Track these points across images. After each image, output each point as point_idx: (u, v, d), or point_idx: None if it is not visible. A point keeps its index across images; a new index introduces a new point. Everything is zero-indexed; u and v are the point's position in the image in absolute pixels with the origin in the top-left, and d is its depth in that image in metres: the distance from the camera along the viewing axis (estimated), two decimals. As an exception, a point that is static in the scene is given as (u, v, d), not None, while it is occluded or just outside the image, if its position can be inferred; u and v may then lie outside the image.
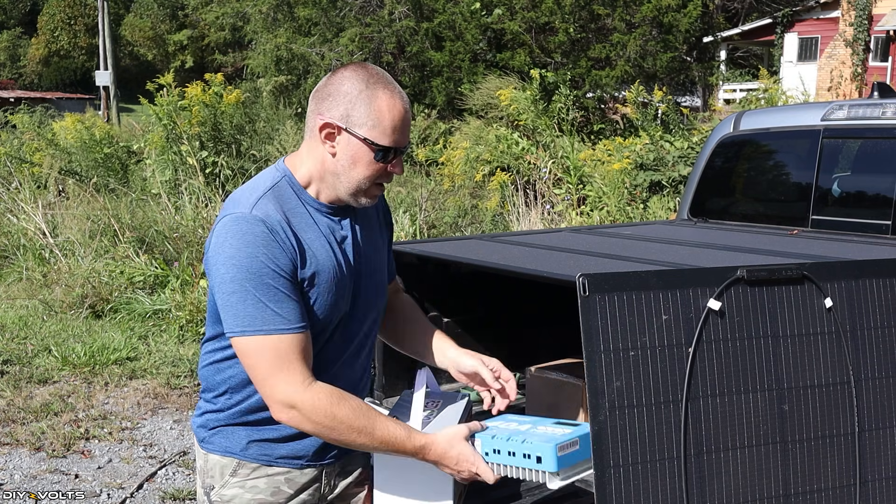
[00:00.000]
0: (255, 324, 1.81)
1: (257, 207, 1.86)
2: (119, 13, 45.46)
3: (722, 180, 4.32)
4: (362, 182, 1.92)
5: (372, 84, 1.89)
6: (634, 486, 1.81)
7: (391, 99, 1.89)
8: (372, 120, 1.88)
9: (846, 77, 22.49)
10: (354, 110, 1.88)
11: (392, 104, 1.89)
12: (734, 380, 1.90)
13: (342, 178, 1.92)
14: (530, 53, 15.23)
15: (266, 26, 19.85)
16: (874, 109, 3.62)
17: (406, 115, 1.92)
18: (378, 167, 1.91)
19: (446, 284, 3.28)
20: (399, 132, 1.91)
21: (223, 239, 1.85)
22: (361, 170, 1.91)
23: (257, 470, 2.00)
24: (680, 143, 9.55)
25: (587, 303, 1.82)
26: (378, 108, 1.88)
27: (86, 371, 6.00)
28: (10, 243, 9.28)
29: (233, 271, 1.82)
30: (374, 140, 1.88)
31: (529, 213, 9.37)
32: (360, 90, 1.88)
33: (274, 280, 1.81)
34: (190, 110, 10.93)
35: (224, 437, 2.01)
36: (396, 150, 1.92)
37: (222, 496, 2.02)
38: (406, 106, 1.93)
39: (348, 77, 1.90)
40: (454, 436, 1.91)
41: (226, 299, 1.84)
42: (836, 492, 1.97)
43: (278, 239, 1.83)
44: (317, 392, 1.82)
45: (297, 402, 1.81)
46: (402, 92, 1.95)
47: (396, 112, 1.90)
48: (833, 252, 3.00)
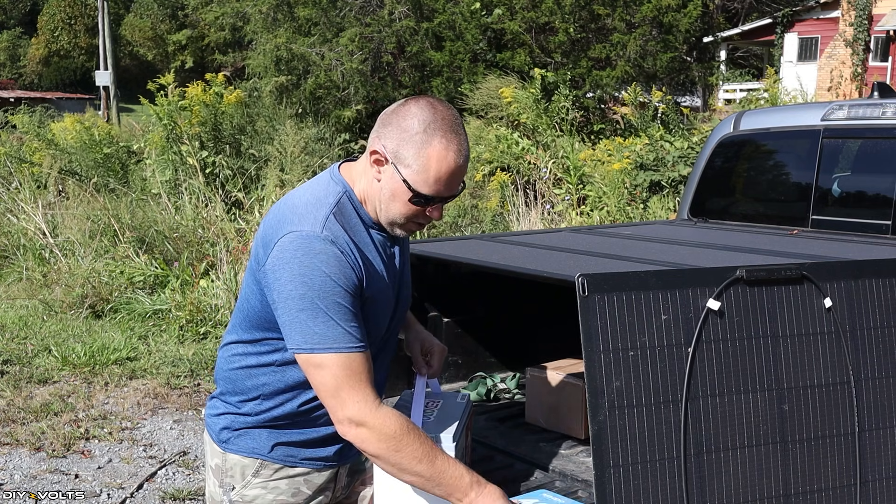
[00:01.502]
0: (326, 342, 1.82)
1: (327, 228, 1.86)
2: (119, 13, 45.45)
3: (722, 180, 4.32)
4: (398, 217, 1.93)
5: (432, 129, 1.85)
6: (634, 486, 1.81)
7: (445, 150, 1.85)
8: (418, 165, 1.86)
9: (846, 77, 22.49)
10: (405, 149, 1.86)
11: (443, 156, 1.85)
12: (734, 380, 1.90)
13: (381, 207, 1.93)
14: (530, 53, 15.22)
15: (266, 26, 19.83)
16: (874, 109, 3.62)
17: (457, 168, 1.88)
18: (415, 210, 1.91)
19: (446, 284, 3.29)
20: (444, 184, 1.88)
21: (292, 255, 1.84)
22: (398, 206, 1.91)
23: (280, 471, 2.04)
24: (680, 143, 9.55)
25: (586, 303, 1.82)
26: (427, 156, 1.85)
27: (86, 371, 6.00)
28: (10, 243, 9.28)
29: (303, 289, 1.82)
30: (413, 185, 1.87)
31: (529, 213, 9.37)
32: (417, 132, 1.85)
33: (343, 299, 1.83)
34: (190, 110, 10.93)
35: (251, 438, 2.03)
36: (435, 199, 1.91)
37: (244, 496, 2.04)
38: (459, 159, 1.88)
39: (414, 113, 1.87)
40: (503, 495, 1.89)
41: (294, 316, 1.84)
42: (836, 492, 1.97)
43: (349, 260, 1.85)
44: (386, 414, 1.84)
45: (367, 420, 1.82)
46: (463, 142, 1.89)
47: (445, 165, 1.86)
48: (833, 252, 3.00)
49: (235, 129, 11.63)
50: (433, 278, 3.23)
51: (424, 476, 1.84)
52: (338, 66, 16.97)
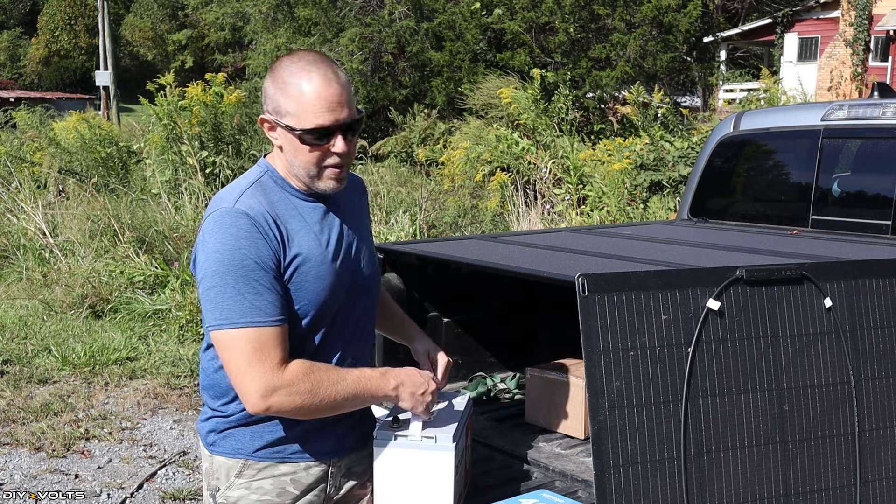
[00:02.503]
0: (233, 316, 1.80)
1: (240, 202, 1.87)
2: (119, 13, 45.47)
3: (722, 180, 4.32)
4: (310, 168, 1.90)
5: (292, 71, 1.85)
6: (634, 486, 1.80)
7: (308, 80, 1.83)
8: (293, 106, 1.85)
9: (846, 77, 22.48)
10: (278, 102, 1.87)
11: (309, 86, 1.83)
12: (734, 380, 1.90)
13: (295, 167, 1.92)
14: (530, 53, 15.23)
15: (266, 26, 19.85)
16: (874, 109, 3.62)
17: (328, 92, 1.83)
18: (317, 152, 1.87)
19: (446, 284, 3.28)
20: (322, 111, 1.83)
21: (208, 235, 1.85)
22: (302, 157, 1.88)
23: (263, 471, 2.00)
24: (680, 143, 9.54)
25: (587, 303, 1.82)
26: (295, 95, 1.84)
27: (86, 371, 6.00)
28: (10, 243, 9.28)
29: (215, 265, 1.82)
30: (296, 126, 1.85)
31: (529, 213, 9.37)
32: (282, 81, 1.86)
33: (254, 272, 1.81)
34: (190, 110, 10.93)
35: (235, 439, 2.01)
36: (324, 130, 1.85)
37: (228, 497, 2.01)
38: (326, 83, 1.83)
39: (275, 70, 1.89)
40: (412, 369, 2.06)
41: (206, 294, 1.84)
42: (836, 492, 1.97)
43: (262, 231, 1.83)
44: (291, 367, 1.84)
45: (277, 384, 1.81)
46: (327, 69, 1.86)
47: (314, 92, 1.83)
48: (833, 252, 3.00)
49: (235, 129, 11.63)
50: (433, 278, 3.23)
51: (349, 395, 1.89)
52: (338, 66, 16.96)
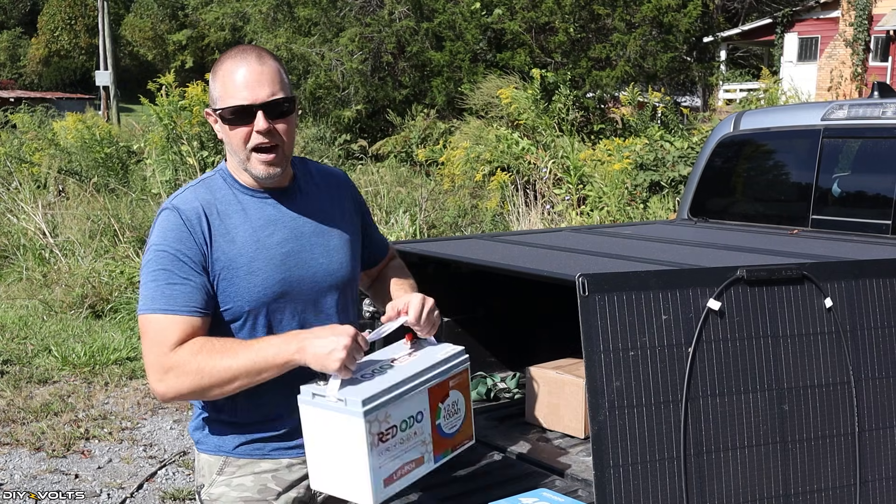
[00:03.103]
0: (146, 303, 1.86)
1: (178, 199, 1.93)
2: (119, 13, 45.45)
3: (722, 180, 4.32)
4: (239, 151, 1.92)
5: (221, 63, 1.92)
6: (634, 486, 1.80)
7: (231, 65, 1.89)
8: (216, 93, 1.92)
9: (846, 77, 22.47)
10: (211, 91, 1.94)
11: (230, 69, 1.89)
12: (734, 380, 1.90)
13: (232, 157, 1.96)
14: (530, 53, 15.22)
15: (266, 26, 19.84)
16: (874, 109, 3.62)
17: (247, 73, 1.87)
18: (241, 133, 1.89)
19: (446, 284, 3.28)
20: (241, 90, 1.86)
21: (151, 230, 1.95)
22: (231, 140, 1.91)
23: (244, 468, 2.00)
24: (680, 143, 9.54)
25: (587, 303, 1.82)
26: (219, 80, 1.90)
27: (86, 371, 6.00)
28: (10, 243, 9.28)
29: (146, 257, 1.91)
30: (218, 107, 1.90)
31: (529, 213, 9.37)
32: (214, 71, 1.93)
33: (172, 263, 1.86)
34: (190, 110, 10.92)
35: (217, 436, 2.03)
36: (243, 108, 1.87)
37: (210, 494, 2.03)
38: (247, 65, 1.88)
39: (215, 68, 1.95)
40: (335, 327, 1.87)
41: (140, 284, 1.92)
42: (836, 492, 1.97)
43: (189, 226, 1.88)
44: (181, 348, 1.84)
45: (167, 366, 1.83)
46: (249, 54, 1.90)
47: (233, 74, 1.88)
48: (833, 252, 3.00)
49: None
50: (433, 278, 3.23)
51: (243, 368, 1.81)
52: (338, 66, 16.97)
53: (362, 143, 15.93)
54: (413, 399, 1.89)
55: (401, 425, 1.86)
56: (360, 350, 1.82)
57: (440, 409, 1.96)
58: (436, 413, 1.95)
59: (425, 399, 1.92)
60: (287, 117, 1.92)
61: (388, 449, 1.83)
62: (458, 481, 2.55)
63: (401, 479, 1.88)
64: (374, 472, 1.80)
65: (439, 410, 1.96)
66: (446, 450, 1.99)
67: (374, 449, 1.79)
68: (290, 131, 1.93)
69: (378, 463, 1.81)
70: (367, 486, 1.80)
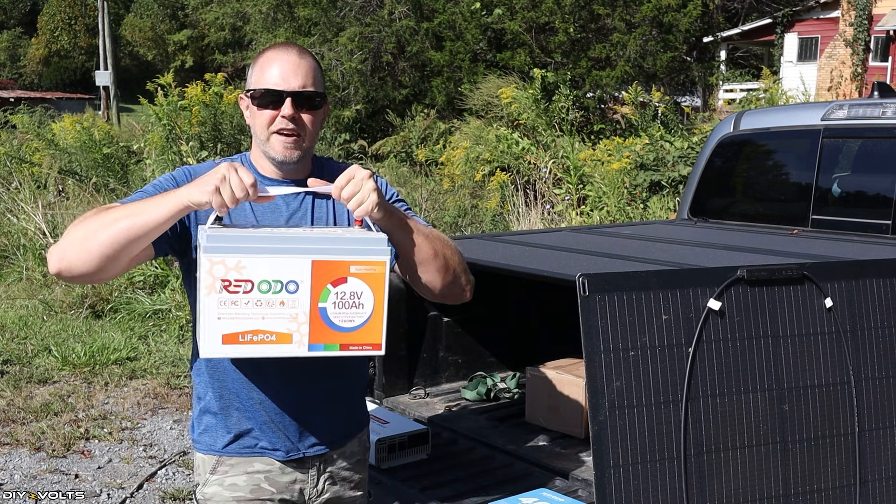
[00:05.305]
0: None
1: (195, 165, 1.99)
2: (119, 13, 45.46)
3: (722, 180, 4.32)
4: (261, 133, 1.94)
5: (265, 51, 1.98)
6: (634, 486, 1.80)
7: (273, 53, 1.95)
8: (253, 76, 1.96)
9: (846, 77, 22.47)
10: (249, 76, 1.99)
11: (271, 56, 1.94)
12: (734, 380, 1.90)
13: (255, 140, 1.99)
14: (530, 53, 15.22)
15: (266, 26, 19.84)
16: (874, 109, 3.62)
17: (284, 60, 1.92)
18: (266, 115, 1.92)
19: (446, 284, 3.28)
20: (276, 76, 1.91)
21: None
22: (257, 122, 1.94)
23: (236, 467, 2.00)
24: (680, 143, 9.54)
25: (587, 303, 1.82)
26: (257, 67, 1.96)
27: (86, 371, 6.00)
28: (10, 243, 9.28)
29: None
30: (250, 88, 1.95)
31: (529, 213, 9.37)
32: (253, 63, 1.98)
33: (152, 186, 1.91)
34: (190, 110, 10.92)
35: (209, 435, 2.03)
36: (272, 91, 1.90)
37: (204, 494, 2.03)
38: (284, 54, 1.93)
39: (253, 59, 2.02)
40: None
41: None
42: (836, 492, 1.97)
43: (187, 172, 1.94)
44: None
45: (69, 228, 1.82)
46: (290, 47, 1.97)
47: (273, 60, 1.93)
48: (833, 252, 3.00)
49: (235, 129, 11.62)
50: (433, 278, 3.23)
51: (129, 212, 1.72)
52: (337, 66, 16.96)
53: (362, 143, 15.93)
54: (285, 262, 1.67)
55: (260, 284, 1.66)
56: (239, 180, 1.67)
57: (328, 290, 1.70)
58: (320, 294, 1.70)
59: (305, 270, 1.68)
60: (314, 111, 1.94)
61: (237, 303, 1.65)
62: (458, 481, 2.56)
63: (251, 346, 1.67)
64: (210, 319, 1.64)
65: (326, 292, 1.70)
66: (330, 343, 1.72)
67: (212, 294, 1.63)
68: (315, 124, 1.95)
69: (216, 312, 1.65)
70: (203, 333, 1.66)
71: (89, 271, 1.75)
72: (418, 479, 2.59)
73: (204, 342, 1.66)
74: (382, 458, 2.67)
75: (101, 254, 1.72)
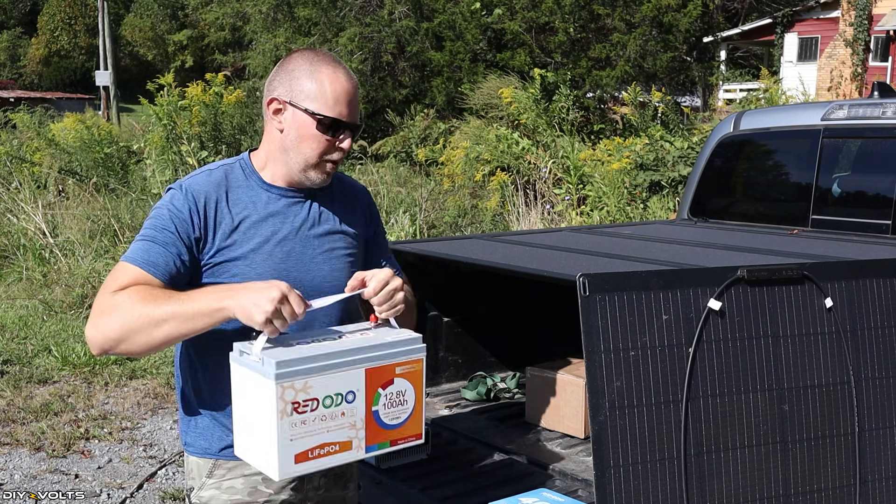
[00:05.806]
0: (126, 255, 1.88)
1: (190, 180, 1.94)
2: (119, 13, 45.45)
3: (722, 180, 4.32)
4: (310, 157, 1.93)
5: (317, 61, 1.93)
6: (634, 486, 1.80)
7: (334, 73, 1.92)
8: (315, 90, 1.91)
9: (846, 77, 22.47)
10: (299, 84, 1.92)
11: (334, 77, 1.92)
12: (734, 380, 1.90)
13: (291, 154, 1.94)
14: (530, 53, 15.23)
15: (266, 26, 19.85)
16: (874, 109, 3.62)
17: (351, 90, 1.93)
18: (324, 141, 1.92)
19: (446, 284, 3.29)
20: (343, 105, 1.91)
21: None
22: (308, 143, 1.92)
23: (233, 470, 1.99)
24: (680, 143, 9.54)
25: (587, 303, 1.82)
26: (321, 80, 1.91)
27: (86, 371, 6.00)
28: (10, 243, 9.28)
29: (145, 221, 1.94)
30: (316, 110, 1.90)
31: (529, 213, 9.37)
32: (304, 67, 1.93)
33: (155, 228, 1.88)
34: (190, 110, 10.93)
35: (203, 438, 2.01)
36: (341, 123, 1.92)
37: (200, 498, 2.02)
38: (350, 81, 1.94)
39: (294, 58, 1.96)
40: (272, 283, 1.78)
41: None
42: (836, 492, 1.97)
43: (189, 202, 1.89)
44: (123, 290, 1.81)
45: (107, 304, 1.79)
46: (349, 71, 1.96)
47: (339, 85, 1.91)
48: (833, 252, 3.00)
49: (236, 129, 11.63)
50: (433, 278, 3.23)
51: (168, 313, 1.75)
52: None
53: (362, 143, 15.91)
54: (344, 375, 1.74)
55: (324, 400, 1.72)
56: (291, 309, 1.70)
57: (379, 394, 1.79)
58: (373, 398, 1.79)
59: (360, 379, 1.77)
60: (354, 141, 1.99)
61: (305, 422, 1.70)
62: (458, 481, 2.56)
63: (318, 460, 1.73)
64: (283, 443, 1.68)
65: (378, 396, 1.79)
66: (382, 442, 1.82)
67: (284, 418, 1.67)
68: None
69: (289, 434, 1.68)
70: (273, 457, 1.68)
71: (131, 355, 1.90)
72: (418, 479, 2.59)
73: (278, 464, 1.69)
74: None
75: (144, 350, 1.81)
